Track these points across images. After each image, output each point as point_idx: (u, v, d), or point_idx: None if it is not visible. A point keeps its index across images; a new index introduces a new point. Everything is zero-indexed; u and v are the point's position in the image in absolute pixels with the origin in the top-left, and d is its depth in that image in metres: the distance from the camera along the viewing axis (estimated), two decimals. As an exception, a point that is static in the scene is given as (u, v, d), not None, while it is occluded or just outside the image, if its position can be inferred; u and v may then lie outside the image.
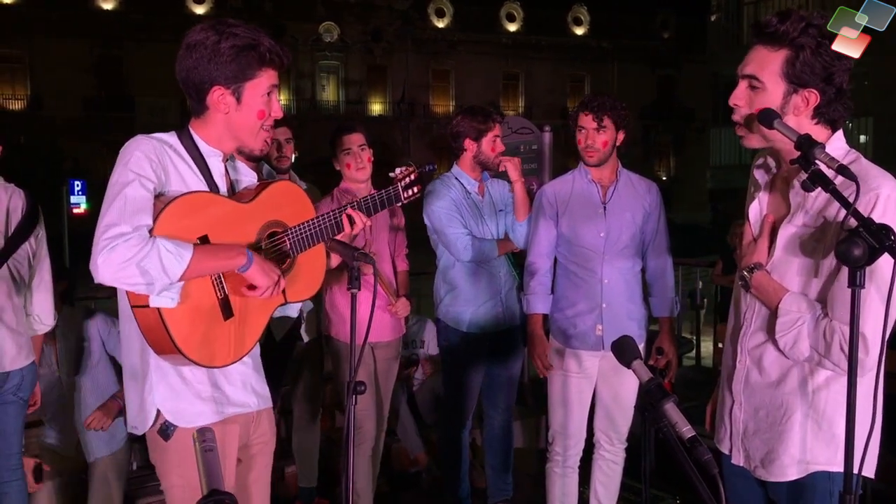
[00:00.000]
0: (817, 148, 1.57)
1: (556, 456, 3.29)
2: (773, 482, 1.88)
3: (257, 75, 1.90)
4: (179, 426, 1.91)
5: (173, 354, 1.81)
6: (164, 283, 1.72)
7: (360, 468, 3.41)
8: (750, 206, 1.97)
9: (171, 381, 1.92)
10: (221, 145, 1.97)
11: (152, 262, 1.68)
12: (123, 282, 1.70)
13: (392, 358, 3.58)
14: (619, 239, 3.12)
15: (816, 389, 1.80)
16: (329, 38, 34.00)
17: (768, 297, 1.84)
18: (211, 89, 1.88)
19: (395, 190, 2.19)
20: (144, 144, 1.85)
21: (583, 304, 3.15)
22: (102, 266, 1.68)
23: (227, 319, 1.87)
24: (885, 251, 1.45)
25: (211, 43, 1.85)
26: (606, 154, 3.09)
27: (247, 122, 1.93)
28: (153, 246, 1.69)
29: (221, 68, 1.86)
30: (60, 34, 29.85)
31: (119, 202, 1.73)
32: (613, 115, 3.04)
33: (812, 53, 1.72)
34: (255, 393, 2.09)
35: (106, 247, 1.67)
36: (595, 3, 37.11)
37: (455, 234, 3.42)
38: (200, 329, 1.82)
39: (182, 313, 1.78)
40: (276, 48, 1.91)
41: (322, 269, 2.13)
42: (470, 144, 3.47)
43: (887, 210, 1.65)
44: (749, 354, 1.92)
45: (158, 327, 1.77)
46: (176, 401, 1.92)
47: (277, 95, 1.99)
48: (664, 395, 1.40)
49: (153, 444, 1.97)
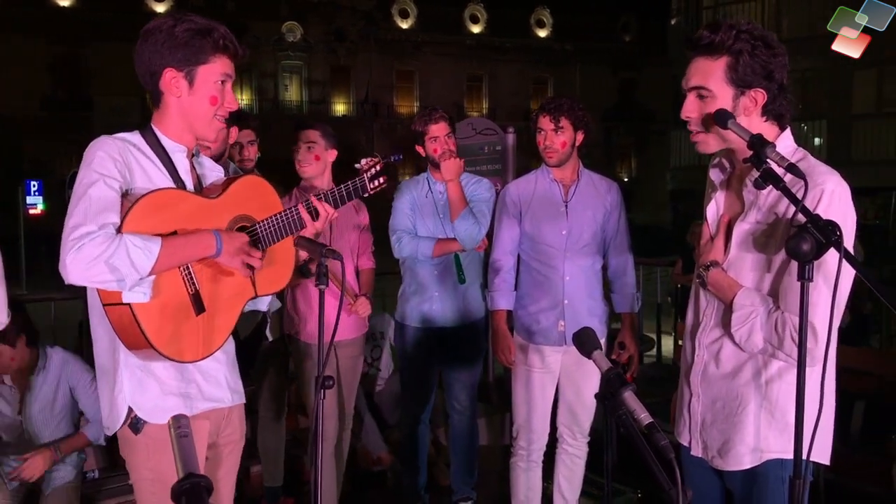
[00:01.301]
0: (769, 147, 1.64)
1: (520, 451, 3.36)
2: (730, 471, 1.95)
3: (210, 60, 1.92)
4: (149, 422, 1.92)
5: (146, 349, 1.82)
6: (134, 278, 1.73)
7: (323, 466, 3.42)
8: (707, 206, 2.05)
9: (140, 378, 1.93)
10: (182, 139, 1.98)
11: (120, 258, 1.70)
12: (93, 280, 1.72)
13: (355, 356, 3.60)
14: (581, 237, 3.20)
15: (769, 380, 1.88)
16: (292, 37, 33.76)
17: (724, 293, 1.91)
18: (163, 72, 1.91)
19: (361, 181, 2.21)
20: (107, 145, 1.86)
21: (545, 301, 3.22)
22: (71, 266, 1.69)
23: (198, 314, 1.89)
24: (831, 246, 1.53)
25: (167, 28, 1.89)
26: (565, 154, 3.17)
27: (200, 107, 1.94)
28: (120, 242, 1.71)
29: (174, 51, 1.89)
30: (18, 32, 29.20)
31: (84, 203, 1.75)
32: (570, 116, 3.13)
33: (749, 55, 1.82)
34: (229, 388, 2.11)
35: (73, 247, 1.69)
36: (558, 6, 37.38)
37: (395, 230, 3.55)
38: (172, 324, 1.84)
39: (154, 309, 1.80)
40: (231, 36, 1.95)
41: (291, 262, 2.15)
42: (419, 148, 3.57)
43: (832, 204, 1.74)
44: (707, 349, 1.99)
45: (131, 323, 1.78)
46: (145, 396, 1.93)
47: (232, 87, 2.00)
48: (623, 383, 1.45)
49: (123, 439, 1.98)
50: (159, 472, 1.91)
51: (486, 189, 3.60)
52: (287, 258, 2.14)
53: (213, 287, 1.91)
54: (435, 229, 3.57)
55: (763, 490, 1.88)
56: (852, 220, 1.81)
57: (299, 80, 34.99)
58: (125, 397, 1.92)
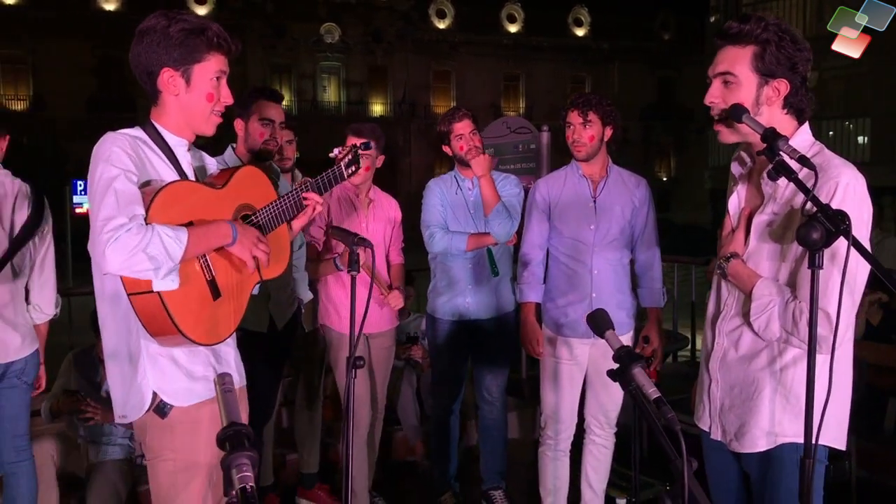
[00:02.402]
0: (781, 140, 1.70)
1: (547, 440, 3.43)
2: (746, 454, 2.01)
3: (205, 58, 2.00)
4: (175, 405, 2.00)
5: (173, 336, 1.90)
6: (168, 266, 1.81)
7: (356, 455, 3.53)
8: (729, 199, 2.11)
9: (163, 364, 2.00)
10: (182, 133, 2.07)
11: (156, 246, 1.78)
12: (133, 269, 1.78)
13: (387, 347, 3.72)
14: (609, 232, 3.26)
15: (785, 367, 1.93)
16: (330, 38, 34.08)
17: (743, 283, 1.98)
18: (161, 71, 1.98)
19: (338, 169, 2.29)
20: (119, 140, 1.94)
21: (573, 294, 3.29)
22: (111, 257, 1.76)
23: (216, 299, 1.99)
24: (840, 235, 1.58)
25: (161, 28, 1.96)
26: (593, 148, 3.23)
27: (197, 104, 2.03)
28: (154, 232, 1.79)
29: (170, 51, 1.96)
30: (63, 35, 29.94)
31: (111, 196, 1.81)
32: (598, 110, 3.19)
33: (776, 47, 1.90)
34: (234, 370, 2.19)
35: (110, 239, 1.76)
36: (595, 5, 37.18)
37: (427, 226, 3.64)
38: (196, 309, 1.93)
39: (179, 296, 1.88)
40: (224, 34, 2.02)
41: (288, 247, 2.24)
42: (446, 148, 3.67)
43: (846, 196, 1.80)
44: (727, 337, 2.06)
45: (160, 311, 1.85)
46: (170, 382, 2.00)
47: (227, 82, 2.08)
48: (633, 359, 1.53)
49: (146, 424, 2.04)
50: (182, 452, 2.00)
51: (514, 185, 3.69)
52: (284, 243, 2.23)
53: (226, 273, 2.02)
54: (466, 224, 3.66)
55: (778, 472, 1.94)
56: (868, 213, 1.86)
57: (337, 81, 35.31)
58: (149, 383, 1.98)
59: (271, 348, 3.40)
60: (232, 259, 2.03)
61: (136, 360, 1.99)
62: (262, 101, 3.30)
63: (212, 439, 2.00)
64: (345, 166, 2.31)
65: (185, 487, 2.01)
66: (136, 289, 1.86)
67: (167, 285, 1.85)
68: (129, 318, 1.94)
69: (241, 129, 3.33)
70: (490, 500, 3.88)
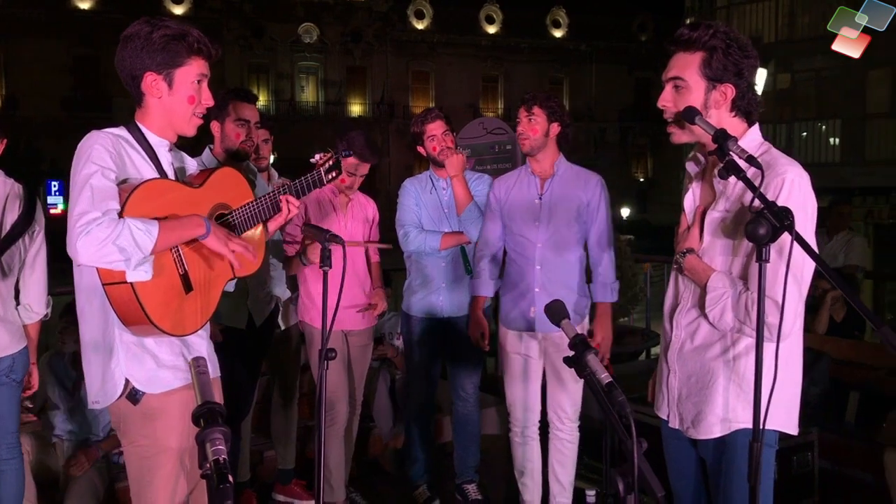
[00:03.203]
0: (730, 140, 1.80)
1: (514, 426, 3.57)
2: (702, 440, 2.10)
3: (186, 63, 2.10)
4: (146, 392, 2.09)
5: (144, 325, 1.99)
6: (139, 257, 1.91)
7: (332, 448, 3.60)
8: (685, 198, 2.22)
9: (136, 352, 2.09)
10: (165, 134, 2.17)
11: (126, 239, 1.88)
12: (103, 260, 1.89)
13: (364, 345, 3.79)
14: (556, 229, 3.34)
15: (738, 356, 2.04)
16: (308, 39, 34.04)
17: (698, 277, 2.08)
18: (144, 75, 2.09)
19: (318, 174, 2.37)
20: (102, 139, 2.04)
21: (519, 289, 3.42)
22: (82, 249, 1.87)
23: (188, 293, 2.08)
24: (784, 230, 1.68)
25: (144, 34, 2.06)
26: (537, 142, 3.34)
27: (179, 106, 2.13)
28: (124, 225, 1.89)
29: (153, 56, 2.07)
30: (37, 33, 29.69)
31: (87, 192, 1.92)
32: (543, 106, 3.32)
33: (723, 53, 2.00)
34: (209, 361, 2.24)
35: (82, 232, 1.86)
36: (574, 6, 37.42)
37: (402, 225, 3.73)
38: (167, 301, 2.02)
39: (151, 288, 1.98)
40: (205, 39, 2.12)
41: (262, 246, 2.33)
42: (420, 149, 3.77)
43: (792, 191, 1.91)
44: (684, 329, 2.16)
45: (132, 301, 1.96)
46: (142, 370, 2.09)
47: (208, 85, 2.18)
48: (587, 347, 1.62)
49: (120, 411, 2.14)
50: (154, 438, 2.10)
51: (486, 185, 3.77)
52: (259, 243, 2.31)
53: (198, 269, 2.11)
54: (440, 224, 3.74)
55: (731, 457, 2.04)
56: (813, 208, 1.97)
57: (315, 82, 35.26)
58: (122, 370, 2.08)
59: (250, 344, 3.47)
60: (205, 255, 2.12)
61: (110, 349, 2.08)
62: (236, 102, 3.37)
63: (182, 426, 2.10)
64: (324, 172, 2.38)
65: (157, 471, 2.11)
66: (110, 279, 1.96)
67: (139, 276, 1.95)
68: (104, 308, 2.03)
69: (218, 131, 3.38)
70: (464, 493, 3.96)
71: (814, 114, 16.66)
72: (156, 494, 2.11)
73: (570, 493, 3.57)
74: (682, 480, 2.25)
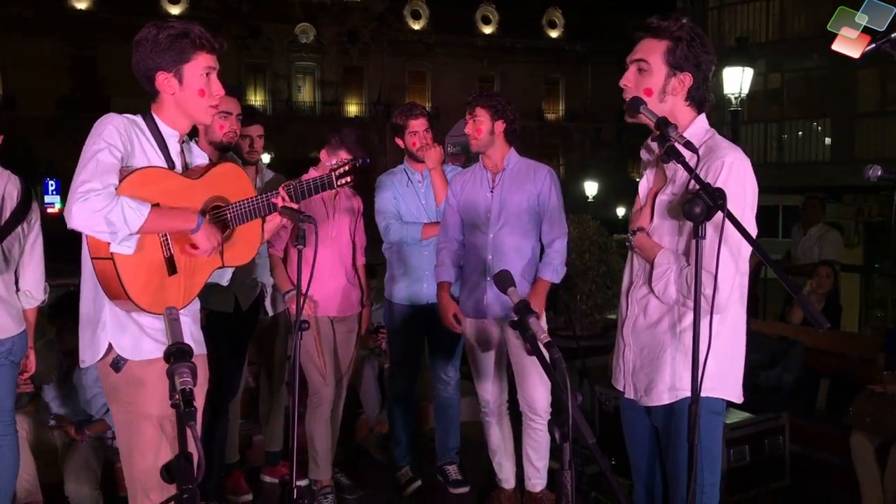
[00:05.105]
0: (671, 127, 1.96)
1: (484, 407, 3.74)
2: (654, 407, 2.26)
3: (192, 58, 2.27)
4: (130, 359, 2.24)
5: (123, 300, 2.15)
6: (125, 232, 2.07)
7: (318, 429, 3.75)
8: (640, 182, 2.37)
9: (123, 321, 2.25)
10: (177, 125, 2.33)
11: (116, 214, 2.04)
12: (92, 228, 2.06)
13: (350, 330, 3.93)
14: (506, 219, 3.48)
15: (684, 329, 2.19)
16: (305, 39, 34.17)
17: (647, 254, 2.24)
18: (156, 75, 2.26)
19: (329, 177, 2.50)
20: (117, 120, 2.22)
21: (473, 279, 3.57)
22: (76, 214, 2.03)
23: (171, 275, 2.23)
24: (718, 209, 1.83)
25: (151, 36, 2.24)
26: (483, 140, 3.49)
27: (192, 100, 2.29)
28: (118, 202, 2.05)
29: (162, 55, 2.24)
30: (34, 34, 29.77)
31: (92, 164, 2.09)
32: (485, 106, 3.47)
33: (687, 45, 2.17)
34: (192, 339, 2.40)
35: (80, 198, 2.03)
36: (570, 6, 37.56)
37: (383, 217, 3.88)
38: (147, 280, 2.17)
39: (132, 265, 2.13)
40: (206, 34, 2.28)
41: (257, 241, 2.47)
42: (399, 140, 3.94)
43: (731, 174, 2.07)
44: (637, 304, 2.31)
45: (113, 276, 2.11)
46: (126, 337, 2.25)
47: (217, 77, 2.34)
48: (529, 311, 1.77)
49: (105, 375, 2.30)
50: (136, 404, 2.25)
51: None
52: (253, 238, 2.46)
53: (185, 254, 2.25)
54: (419, 214, 3.91)
55: (678, 423, 2.18)
56: (752, 189, 2.13)
57: (312, 82, 35.37)
58: (107, 334, 2.24)
59: (236, 328, 3.63)
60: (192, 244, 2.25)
61: (98, 315, 2.25)
62: None
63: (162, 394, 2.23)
64: (336, 176, 2.51)
65: (139, 436, 2.26)
66: (97, 253, 2.13)
67: (122, 250, 2.11)
68: (94, 279, 2.20)
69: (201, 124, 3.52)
70: (445, 474, 4.11)
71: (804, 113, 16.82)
72: (140, 459, 2.25)
73: (544, 475, 3.71)
74: (638, 449, 2.40)
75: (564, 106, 39.20)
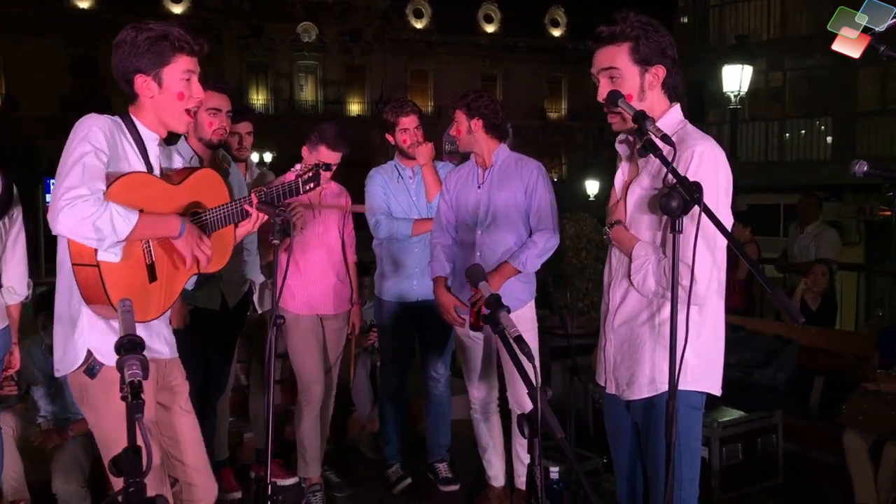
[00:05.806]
0: (648, 121, 1.94)
1: (473, 404, 3.73)
2: (634, 401, 2.25)
3: (172, 61, 2.23)
4: (105, 364, 2.19)
5: (104, 306, 2.11)
6: (112, 240, 2.03)
7: (307, 427, 3.74)
8: (616, 175, 2.35)
9: (100, 326, 2.21)
10: (156, 128, 2.30)
11: (105, 221, 2.00)
12: (79, 235, 2.01)
13: (339, 328, 3.92)
14: (494, 216, 3.46)
15: (663, 322, 2.17)
16: (307, 38, 34.18)
17: (624, 246, 2.23)
18: (135, 77, 2.22)
19: (296, 184, 2.49)
20: (101, 121, 2.17)
21: (463, 276, 3.51)
22: (63, 221, 1.98)
23: (151, 282, 2.21)
24: (694, 203, 1.81)
25: (130, 39, 2.21)
26: (465, 140, 3.51)
27: (170, 103, 2.26)
28: (107, 208, 2.01)
29: (141, 58, 2.20)
30: (36, 33, 29.82)
31: (79, 168, 2.04)
32: (459, 107, 3.48)
33: (646, 38, 2.15)
34: (166, 343, 2.41)
35: (67, 205, 1.98)
36: (572, 5, 37.54)
37: (372, 213, 3.86)
38: (130, 287, 2.14)
39: (116, 272, 2.10)
40: (186, 36, 2.25)
41: (230, 246, 2.46)
42: (389, 137, 3.92)
43: (701, 162, 2.06)
44: (617, 299, 2.30)
45: (96, 283, 2.08)
46: (104, 341, 2.19)
47: (197, 80, 2.31)
48: (500, 306, 1.77)
49: (80, 386, 2.25)
50: (112, 409, 2.17)
51: None
52: (227, 243, 2.45)
53: (164, 261, 2.24)
54: (409, 210, 3.89)
55: (657, 417, 2.17)
56: (726, 178, 2.11)
57: (315, 81, 35.39)
58: (85, 340, 2.20)
59: (223, 325, 3.61)
60: (173, 250, 2.25)
61: (74, 320, 2.21)
62: (207, 91, 3.47)
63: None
64: (303, 183, 2.50)
65: (116, 441, 2.18)
66: (80, 260, 2.08)
67: (109, 257, 2.08)
68: (70, 283, 2.15)
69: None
70: (435, 471, 4.09)
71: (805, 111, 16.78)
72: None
73: None
74: (620, 446, 2.38)
75: (567, 105, 39.17)
